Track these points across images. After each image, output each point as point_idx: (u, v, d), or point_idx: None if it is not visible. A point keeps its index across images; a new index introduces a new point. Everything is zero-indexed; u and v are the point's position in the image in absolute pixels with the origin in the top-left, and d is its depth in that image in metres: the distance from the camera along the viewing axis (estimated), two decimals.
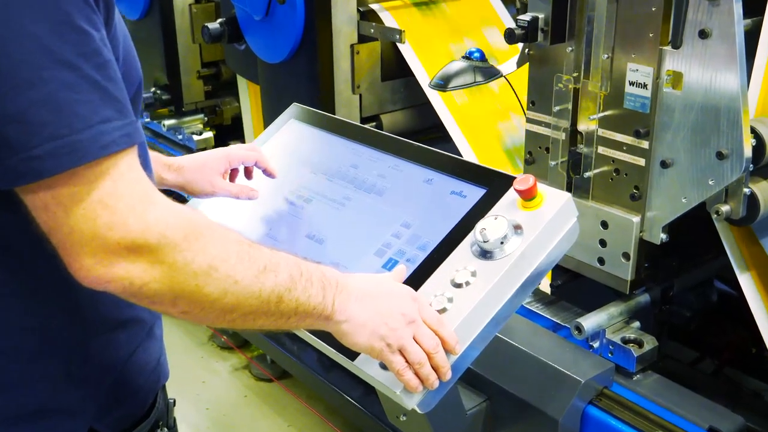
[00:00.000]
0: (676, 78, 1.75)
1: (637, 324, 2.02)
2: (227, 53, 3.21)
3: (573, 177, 1.99)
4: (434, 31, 2.83)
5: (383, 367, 1.30)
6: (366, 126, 1.77)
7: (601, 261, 1.98)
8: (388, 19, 2.71)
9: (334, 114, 2.60)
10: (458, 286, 1.34)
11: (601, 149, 1.92)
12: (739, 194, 1.74)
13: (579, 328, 1.92)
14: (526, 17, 1.91)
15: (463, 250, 1.40)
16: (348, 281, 1.22)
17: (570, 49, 1.92)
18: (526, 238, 1.36)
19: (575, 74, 1.92)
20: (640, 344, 1.93)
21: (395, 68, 2.75)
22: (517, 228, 1.37)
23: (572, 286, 2.19)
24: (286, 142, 1.87)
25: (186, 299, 1.02)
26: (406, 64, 2.69)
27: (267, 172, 1.73)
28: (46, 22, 0.93)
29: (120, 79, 1.01)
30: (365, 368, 1.32)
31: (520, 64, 2.03)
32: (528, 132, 2.10)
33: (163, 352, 1.34)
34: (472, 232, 1.39)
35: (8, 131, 0.92)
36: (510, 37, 1.91)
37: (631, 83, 1.82)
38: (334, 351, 1.36)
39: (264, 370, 3.40)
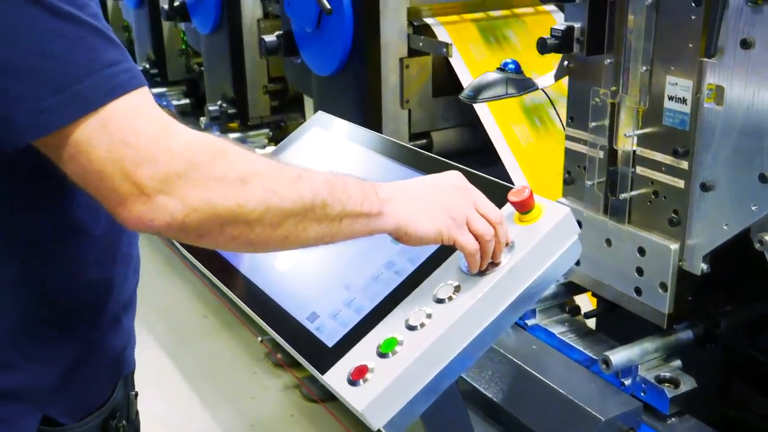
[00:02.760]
0: (718, 92, 1.60)
1: (677, 363, 1.85)
2: (286, 67, 3.20)
3: (610, 198, 1.85)
4: (492, 48, 2.74)
5: (351, 383, 1.21)
6: (382, 135, 1.69)
7: (638, 291, 1.83)
8: (443, 34, 2.63)
9: (381, 129, 2.54)
10: (440, 301, 1.24)
11: (639, 169, 1.78)
12: None
13: (606, 362, 1.77)
14: (560, 26, 1.80)
15: (451, 264, 1.30)
16: (382, 183, 1.19)
17: (608, 61, 1.79)
18: (517, 254, 1.25)
19: (613, 88, 1.79)
20: (675, 384, 1.77)
21: (448, 84, 2.66)
22: (510, 242, 1.26)
23: (614, 318, 2.04)
24: (304, 149, 1.82)
25: (231, 222, 1.00)
26: (459, 80, 2.60)
27: None
28: None
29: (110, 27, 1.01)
30: (333, 383, 1.23)
31: (558, 77, 1.91)
32: (567, 150, 1.97)
33: (130, 343, 1.30)
34: None
35: (13, 86, 0.91)
36: (542, 46, 1.80)
37: (670, 98, 1.68)
38: (306, 362, 1.28)
39: (312, 392, 3.35)
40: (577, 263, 1.97)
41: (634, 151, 1.77)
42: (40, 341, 1.14)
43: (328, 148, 1.79)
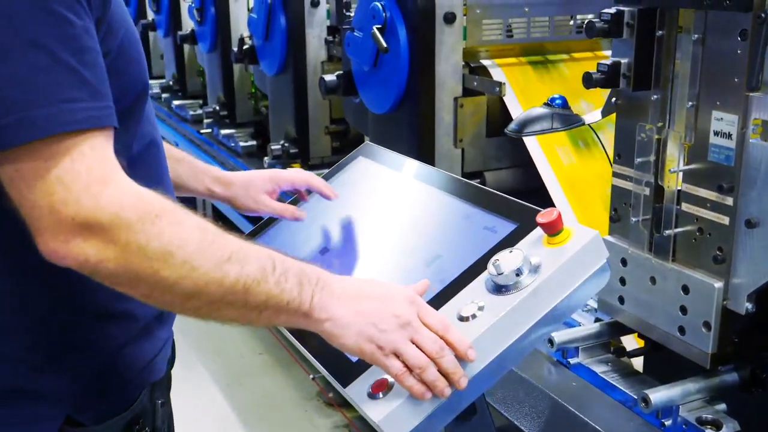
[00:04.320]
0: (764, 128, 1.58)
1: (722, 406, 1.80)
2: (345, 106, 3.26)
3: (654, 236, 1.83)
4: (548, 90, 2.74)
5: (371, 396, 1.21)
6: (424, 164, 1.71)
7: (681, 330, 1.79)
8: (498, 75, 2.66)
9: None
10: (463, 319, 1.24)
11: (684, 206, 1.76)
12: None
13: (646, 401, 1.73)
14: (607, 62, 1.80)
15: (478, 284, 1.30)
16: (332, 280, 1.16)
17: (655, 97, 1.79)
18: (542, 275, 1.24)
19: (660, 124, 1.78)
20: (717, 426, 1.71)
21: (502, 125, 2.66)
22: (536, 263, 1.26)
23: (661, 361, 1.99)
24: (349, 176, 1.86)
25: (143, 282, 1.02)
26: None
27: (323, 194, 1.72)
28: (24, 4, 0.97)
29: (101, 65, 1.04)
30: (354, 396, 1.24)
31: (605, 113, 1.91)
32: (614, 187, 1.96)
33: (161, 353, 1.31)
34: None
35: None
36: (587, 81, 1.80)
37: (716, 133, 1.66)
38: (328, 374, 1.29)
39: None
40: (622, 302, 1.95)
41: (679, 187, 1.75)
42: (68, 346, 1.17)
43: (373, 177, 1.81)
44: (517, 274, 1.24)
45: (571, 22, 2.91)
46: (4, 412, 1.14)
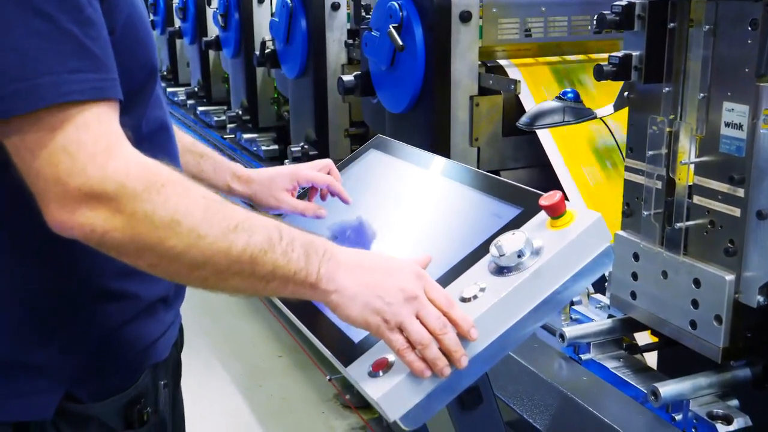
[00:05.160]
0: None
1: (734, 402, 1.78)
2: (363, 107, 3.28)
3: (666, 229, 1.82)
4: None
5: (371, 375, 1.21)
6: (434, 154, 1.72)
7: (693, 325, 1.78)
8: (515, 74, 2.66)
9: None
10: (465, 300, 1.24)
11: (696, 198, 1.75)
12: None
13: (655, 394, 1.72)
14: (618, 54, 1.80)
15: (481, 266, 1.30)
16: (338, 251, 1.15)
17: (667, 89, 1.78)
18: (544, 256, 1.24)
19: (671, 117, 1.78)
20: (728, 421, 1.69)
21: None
22: (538, 245, 1.26)
23: (675, 357, 1.98)
24: (361, 167, 1.87)
25: (150, 252, 1.01)
26: None
27: (341, 198, 1.72)
28: None
29: (105, 39, 1.04)
30: (355, 375, 1.24)
31: (617, 107, 1.91)
32: (626, 181, 1.95)
33: (165, 336, 1.31)
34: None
35: None
36: (599, 73, 1.80)
37: (727, 124, 1.66)
38: (330, 354, 1.29)
39: None
40: (634, 297, 1.94)
41: (690, 180, 1.74)
42: (69, 321, 1.17)
43: (384, 168, 1.82)
44: (519, 256, 1.24)
45: (590, 26, 2.90)
46: (4, 384, 1.14)
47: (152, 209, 1.00)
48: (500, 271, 1.26)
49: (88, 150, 0.98)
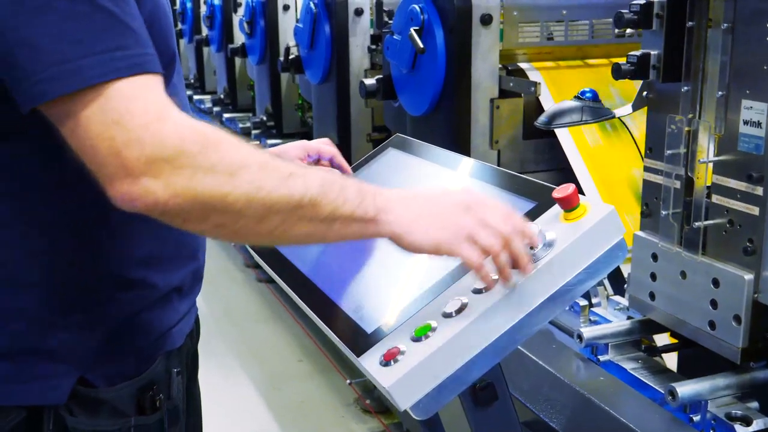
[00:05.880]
0: None
1: (754, 404, 1.76)
2: (385, 111, 3.29)
3: (684, 229, 1.81)
4: None
5: (383, 364, 1.22)
6: (449, 151, 1.72)
7: (711, 325, 1.77)
8: (536, 78, 2.66)
9: None
10: (477, 291, 1.25)
11: (714, 198, 1.74)
12: None
13: (672, 393, 1.71)
14: (636, 53, 1.80)
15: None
16: (385, 190, 1.18)
17: (685, 88, 1.78)
18: (556, 248, 1.24)
19: (690, 116, 1.77)
20: (747, 422, 1.68)
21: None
22: (551, 238, 1.26)
23: (695, 360, 1.96)
24: (379, 165, 1.88)
25: (215, 211, 1.03)
26: None
27: (342, 169, 1.73)
28: None
29: (140, 17, 1.07)
30: (366, 365, 1.24)
31: (636, 107, 1.90)
32: (645, 181, 1.94)
33: (179, 325, 1.32)
34: None
35: (20, 55, 0.99)
36: (617, 72, 1.80)
37: (745, 122, 1.65)
38: (342, 344, 1.30)
39: None
40: (653, 298, 1.93)
41: (709, 178, 1.73)
42: (87, 307, 1.19)
43: (402, 166, 1.83)
44: (531, 248, 1.24)
45: (612, 29, 2.89)
46: (18, 368, 1.16)
47: (211, 167, 1.01)
48: (512, 261, 1.26)
49: (139, 120, 0.99)
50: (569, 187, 1.27)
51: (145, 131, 0.99)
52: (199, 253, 1.38)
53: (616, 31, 2.78)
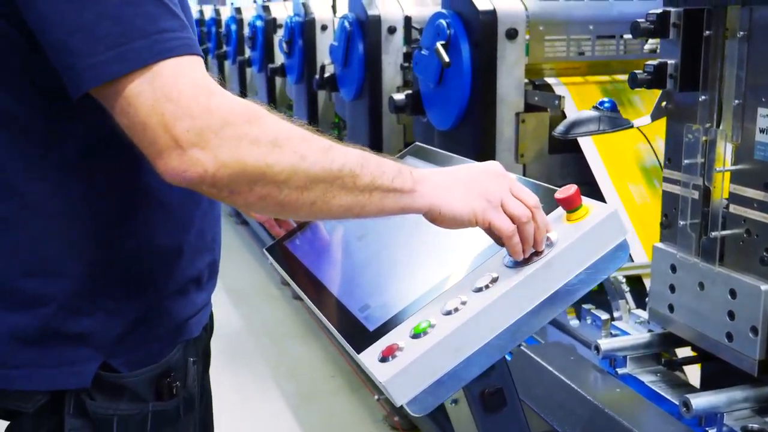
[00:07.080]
0: None
1: None
2: (414, 126, 3.31)
3: (702, 239, 1.79)
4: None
5: (381, 360, 1.23)
6: (465, 158, 1.73)
7: (729, 337, 1.74)
8: (562, 93, 2.66)
9: None
10: (477, 290, 1.25)
11: (732, 207, 1.72)
12: None
13: (687, 405, 1.68)
14: (653, 62, 1.79)
15: (496, 259, 1.31)
16: (417, 168, 1.22)
17: (703, 97, 1.77)
18: (557, 248, 1.24)
19: (708, 125, 1.76)
20: None
21: (566, 142, 2.66)
22: (553, 238, 1.26)
23: (715, 373, 1.93)
24: None
25: (260, 182, 1.06)
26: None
27: None
28: None
29: (179, 5, 1.12)
30: (366, 361, 1.25)
31: (655, 117, 1.89)
32: (664, 192, 1.93)
33: (196, 317, 1.36)
34: None
35: (74, 40, 1.04)
36: (633, 81, 1.80)
37: (762, 130, 1.63)
38: (344, 340, 1.31)
39: None
40: (672, 310, 1.91)
41: (726, 188, 1.72)
42: (108, 294, 1.23)
43: None
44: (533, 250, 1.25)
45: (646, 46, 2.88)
46: (45, 353, 1.20)
47: (256, 139, 1.05)
48: (514, 263, 1.27)
49: (189, 93, 1.03)
50: (571, 188, 1.28)
51: (194, 104, 1.03)
52: (215, 244, 1.42)
53: (645, 47, 2.76)
